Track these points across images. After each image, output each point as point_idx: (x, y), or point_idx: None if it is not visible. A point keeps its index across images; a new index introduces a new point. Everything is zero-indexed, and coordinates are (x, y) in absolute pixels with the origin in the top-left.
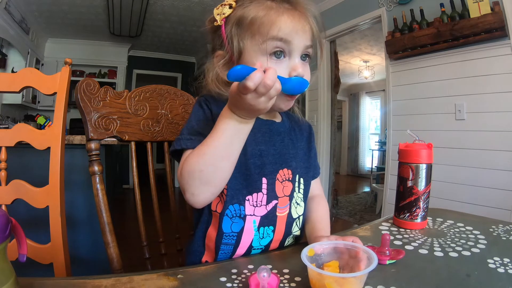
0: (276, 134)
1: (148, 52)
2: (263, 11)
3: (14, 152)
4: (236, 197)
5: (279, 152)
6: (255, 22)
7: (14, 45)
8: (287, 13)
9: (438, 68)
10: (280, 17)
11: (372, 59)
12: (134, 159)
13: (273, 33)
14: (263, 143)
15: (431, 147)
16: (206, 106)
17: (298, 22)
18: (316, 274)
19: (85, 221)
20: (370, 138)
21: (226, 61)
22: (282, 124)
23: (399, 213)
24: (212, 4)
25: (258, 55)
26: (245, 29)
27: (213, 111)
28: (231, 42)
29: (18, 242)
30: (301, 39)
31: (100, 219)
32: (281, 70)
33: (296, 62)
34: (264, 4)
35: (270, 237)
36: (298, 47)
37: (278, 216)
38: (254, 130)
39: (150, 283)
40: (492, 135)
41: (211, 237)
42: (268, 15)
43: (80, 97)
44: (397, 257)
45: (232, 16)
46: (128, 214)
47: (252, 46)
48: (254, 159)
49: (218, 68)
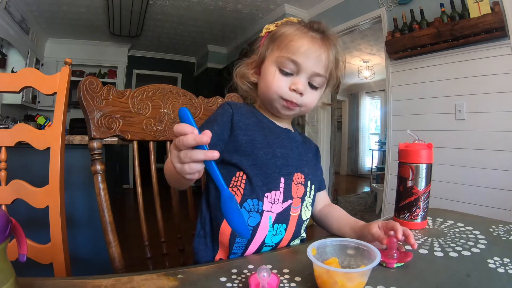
0: (293, 141)
1: (148, 52)
2: (291, 30)
3: (14, 152)
4: (255, 192)
5: (296, 157)
6: (280, 37)
7: (14, 45)
8: (310, 38)
9: (438, 68)
10: (301, 39)
11: (372, 59)
12: (137, 159)
13: (287, 51)
14: (283, 147)
15: (431, 147)
16: (224, 109)
17: (314, 49)
18: (326, 272)
19: (85, 221)
20: (370, 138)
21: (253, 63)
22: (296, 134)
23: (399, 213)
24: (212, 4)
25: (273, 64)
26: (272, 41)
27: (235, 115)
28: (261, 49)
29: (18, 242)
30: (311, 64)
31: (102, 218)
32: (285, 83)
33: (300, 80)
34: (298, 27)
35: (282, 234)
36: (306, 70)
37: (291, 216)
38: (275, 135)
39: (150, 283)
40: (492, 135)
41: (225, 232)
42: (292, 34)
43: (83, 95)
44: (405, 259)
45: (272, 31)
46: (128, 214)
47: (272, 56)
48: (275, 160)
49: (246, 65)
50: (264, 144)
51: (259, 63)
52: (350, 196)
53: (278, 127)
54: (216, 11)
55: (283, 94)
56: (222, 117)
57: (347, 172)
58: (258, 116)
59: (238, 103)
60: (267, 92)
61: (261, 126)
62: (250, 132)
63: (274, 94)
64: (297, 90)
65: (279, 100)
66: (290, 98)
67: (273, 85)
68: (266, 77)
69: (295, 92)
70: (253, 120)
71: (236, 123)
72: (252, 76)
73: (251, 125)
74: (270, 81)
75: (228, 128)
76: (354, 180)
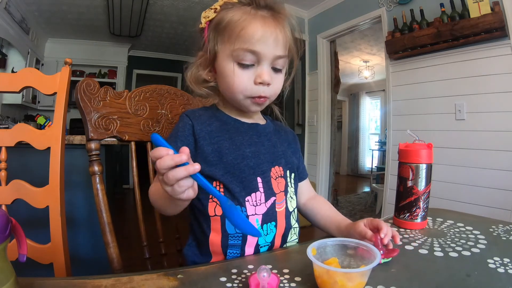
0: (263, 134)
1: (148, 52)
2: (238, 16)
3: (14, 152)
4: (236, 199)
5: (269, 151)
6: (228, 26)
7: (14, 45)
8: (261, 20)
9: (438, 68)
10: (253, 24)
11: (372, 59)
12: (134, 159)
13: (241, 42)
14: (253, 144)
15: (431, 147)
16: (183, 122)
17: (270, 31)
18: (326, 272)
19: (85, 221)
20: (370, 138)
21: (205, 61)
22: (267, 125)
23: (399, 213)
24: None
25: (228, 59)
26: (220, 33)
27: (195, 126)
28: (209, 43)
29: (18, 242)
30: (271, 49)
31: (100, 219)
32: (248, 77)
33: (263, 69)
34: (243, 9)
35: (273, 232)
36: (267, 57)
37: (278, 212)
38: (243, 134)
39: (150, 283)
40: (492, 135)
41: (216, 242)
42: (240, 21)
43: (80, 97)
44: (391, 255)
45: (214, 19)
46: (128, 214)
47: (224, 50)
48: (247, 161)
49: (196, 67)
50: (231, 148)
51: (211, 60)
52: (350, 196)
53: (244, 125)
54: None
55: (250, 92)
56: (183, 132)
57: (347, 172)
58: (221, 118)
59: (196, 111)
60: (230, 93)
61: (225, 130)
62: (215, 139)
63: (240, 94)
64: (263, 83)
65: (246, 99)
66: (258, 94)
67: (236, 85)
68: (225, 77)
69: (262, 85)
70: (216, 125)
71: (198, 134)
72: (207, 76)
73: (215, 132)
74: (231, 80)
75: (192, 141)
76: (354, 180)
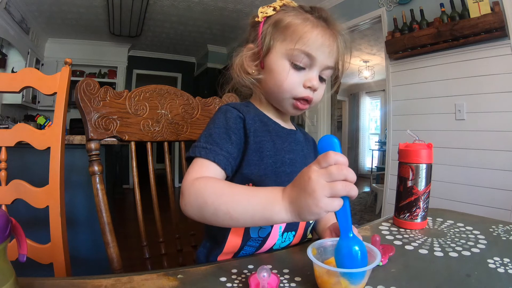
0: (298, 143)
1: (148, 52)
2: (300, 20)
3: (14, 152)
4: None
5: (303, 161)
6: (289, 27)
7: (14, 45)
8: (322, 30)
9: (438, 68)
10: (314, 31)
11: (372, 59)
12: (134, 159)
13: (301, 44)
14: (291, 152)
15: (431, 147)
16: (232, 114)
17: (328, 42)
18: (326, 272)
19: (85, 221)
20: (370, 138)
21: (254, 54)
22: (299, 134)
23: (399, 213)
24: (212, 4)
25: (283, 58)
26: (279, 31)
27: (246, 120)
28: (264, 38)
29: (18, 242)
30: (324, 57)
31: (100, 219)
32: (299, 78)
33: (313, 75)
34: (303, 15)
35: (290, 240)
36: (320, 64)
37: (300, 222)
38: (282, 139)
39: (150, 283)
40: (492, 135)
41: (234, 244)
42: (303, 25)
43: (80, 97)
44: (387, 253)
45: (272, 17)
46: (128, 214)
47: (280, 48)
48: (284, 167)
49: (244, 58)
50: (272, 151)
51: (263, 54)
52: None
53: (283, 129)
54: (216, 11)
55: (297, 93)
56: (235, 124)
57: None
58: (262, 118)
59: (242, 105)
60: (278, 90)
61: (267, 131)
62: (258, 138)
63: (287, 93)
64: (312, 87)
65: (291, 99)
66: (305, 95)
67: (286, 83)
68: (277, 73)
69: (310, 89)
70: (259, 124)
71: (249, 129)
72: (251, 69)
73: (259, 131)
74: (283, 78)
75: (243, 135)
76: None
